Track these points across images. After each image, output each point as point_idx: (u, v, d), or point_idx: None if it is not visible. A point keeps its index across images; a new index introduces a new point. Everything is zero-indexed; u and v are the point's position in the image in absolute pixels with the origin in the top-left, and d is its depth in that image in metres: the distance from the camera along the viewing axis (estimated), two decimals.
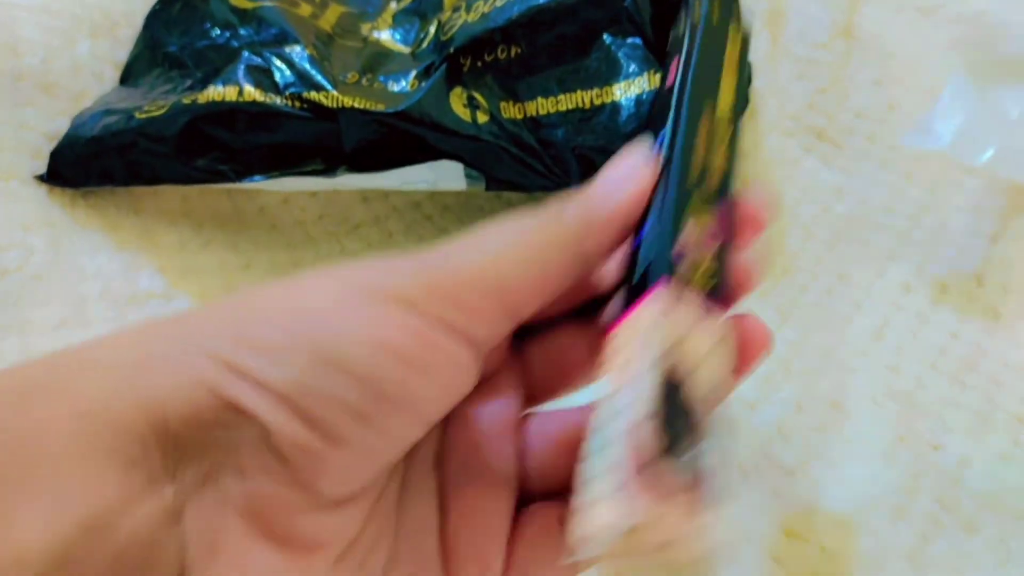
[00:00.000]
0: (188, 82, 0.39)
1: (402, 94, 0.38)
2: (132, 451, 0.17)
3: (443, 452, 0.23)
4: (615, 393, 0.18)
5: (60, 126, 0.40)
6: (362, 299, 0.19)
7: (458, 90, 0.38)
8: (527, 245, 0.20)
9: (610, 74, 0.38)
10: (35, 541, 0.16)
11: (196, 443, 0.18)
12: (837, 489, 0.36)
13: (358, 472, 0.19)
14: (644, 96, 0.38)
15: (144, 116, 0.38)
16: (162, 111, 0.38)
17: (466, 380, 0.20)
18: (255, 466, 0.18)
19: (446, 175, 0.39)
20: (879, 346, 0.39)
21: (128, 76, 0.42)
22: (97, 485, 0.17)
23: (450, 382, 0.20)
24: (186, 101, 0.38)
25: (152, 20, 0.42)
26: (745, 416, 0.37)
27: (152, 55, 0.42)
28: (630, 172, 0.21)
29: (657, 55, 0.38)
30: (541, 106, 0.38)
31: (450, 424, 0.23)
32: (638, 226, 0.21)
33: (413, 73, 0.38)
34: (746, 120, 0.43)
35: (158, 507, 0.18)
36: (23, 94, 0.41)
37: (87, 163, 0.39)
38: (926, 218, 0.42)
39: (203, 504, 0.18)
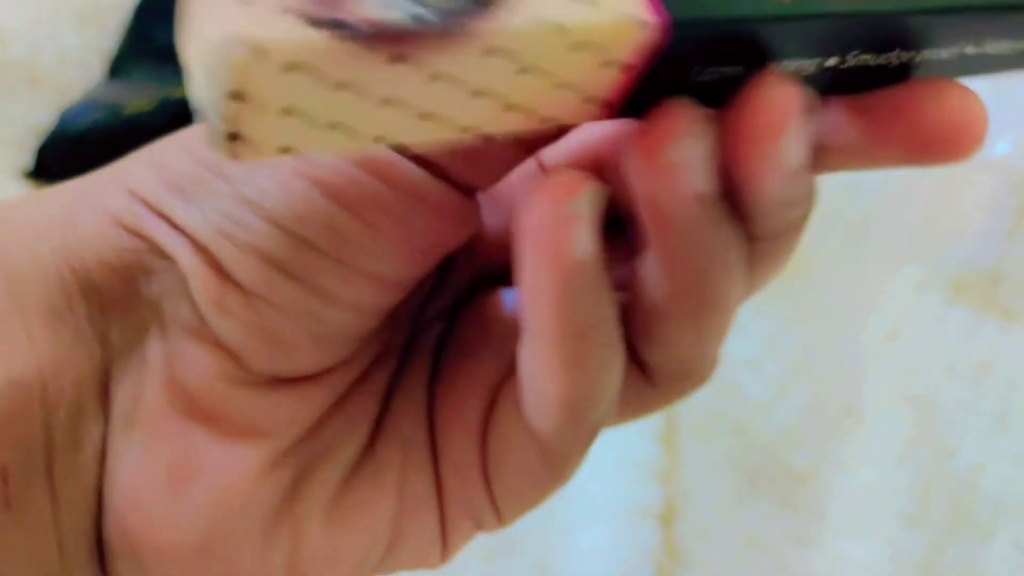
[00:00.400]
0: (177, 75, 0.39)
1: None
2: (57, 304, 0.16)
3: (448, 340, 0.19)
4: None
5: (46, 119, 0.40)
6: None
7: None
8: None
9: None
10: None
11: (121, 296, 0.16)
12: (850, 494, 0.36)
13: (297, 347, 0.16)
14: None
15: (133, 110, 0.38)
16: (151, 105, 0.38)
17: (436, 225, 0.16)
18: (177, 324, 0.16)
19: None
20: (893, 348, 0.39)
21: (116, 68, 0.42)
22: (23, 341, 0.15)
23: (405, 227, 0.16)
24: (175, 95, 0.38)
25: (141, 11, 0.43)
26: (755, 419, 0.37)
27: (141, 47, 0.42)
28: None
29: None
30: None
31: (464, 311, 0.20)
32: None
33: None
34: None
35: (86, 369, 0.16)
36: (8, 87, 0.41)
37: (75, 158, 0.39)
38: (940, 216, 0.42)
39: (127, 369, 0.16)
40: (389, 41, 0.10)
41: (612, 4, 0.12)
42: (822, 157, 0.17)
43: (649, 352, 0.17)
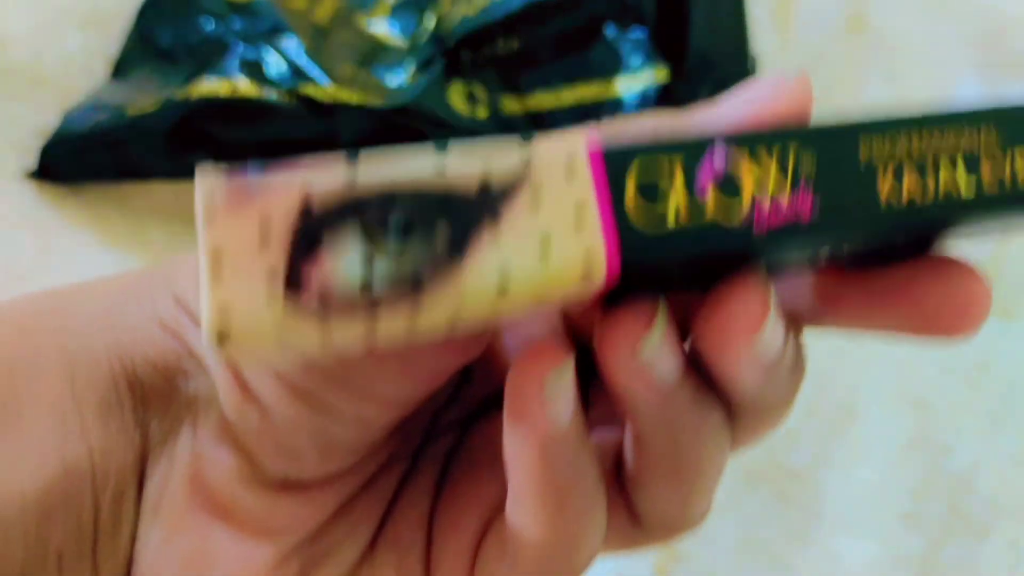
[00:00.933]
0: (181, 76, 0.39)
1: (400, 88, 0.37)
2: (107, 397, 0.17)
3: (460, 449, 0.20)
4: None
5: (50, 121, 0.40)
6: None
7: (458, 84, 0.37)
8: None
9: (612, 67, 0.38)
10: (24, 481, 0.16)
11: (161, 393, 0.17)
12: (847, 493, 0.36)
13: (307, 456, 0.17)
14: (648, 91, 0.37)
15: (136, 112, 0.38)
16: (154, 107, 0.38)
17: (439, 352, 0.16)
18: (206, 424, 0.17)
19: None
20: (890, 347, 0.39)
21: (119, 70, 0.42)
22: (77, 430, 0.17)
23: (410, 356, 0.16)
24: (178, 96, 0.38)
25: (144, 13, 0.42)
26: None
27: (144, 49, 0.42)
28: None
29: (662, 48, 0.38)
30: (542, 100, 0.38)
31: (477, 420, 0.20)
32: None
33: (411, 66, 0.38)
34: None
35: (128, 458, 0.17)
36: (12, 89, 0.41)
37: (77, 159, 0.39)
38: None
39: (160, 460, 0.17)
40: (345, 309, 0.13)
41: (564, 252, 0.13)
42: (819, 323, 0.17)
43: (636, 501, 0.18)
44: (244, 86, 0.37)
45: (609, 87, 0.38)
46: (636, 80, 0.38)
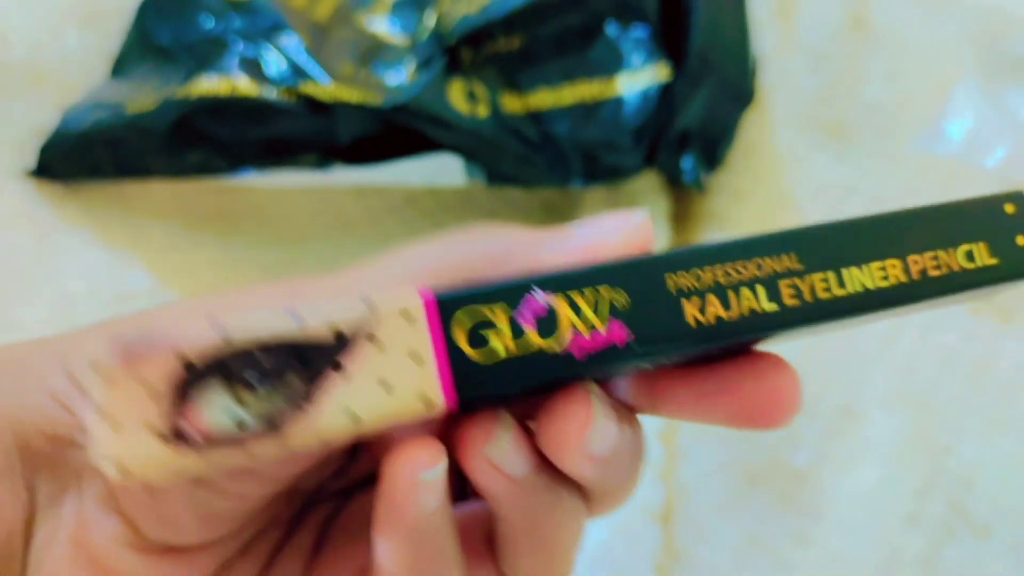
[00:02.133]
0: (180, 74, 0.39)
1: (400, 86, 0.37)
2: (2, 463, 0.18)
3: (339, 517, 0.22)
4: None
5: (49, 119, 0.40)
6: None
7: (458, 82, 0.37)
8: None
9: (614, 65, 0.38)
10: None
11: (51, 460, 0.19)
12: (848, 494, 0.36)
13: (187, 524, 0.18)
14: (650, 90, 0.37)
15: (135, 110, 0.38)
16: (153, 105, 0.38)
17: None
18: (91, 492, 0.18)
19: (445, 170, 0.39)
20: (891, 348, 0.39)
21: (119, 68, 0.42)
22: None
23: None
24: (177, 95, 0.38)
25: (144, 11, 0.42)
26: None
27: (143, 47, 0.42)
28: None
29: (665, 46, 0.38)
30: (543, 99, 0.38)
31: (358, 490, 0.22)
32: None
33: (411, 64, 0.38)
34: (753, 115, 0.42)
35: (17, 518, 0.18)
36: (11, 86, 0.41)
37: (76, 157, 0.39)
38: None
39: (46, 522, 0.19)
40: (222, 444, 0.15)
41: (406, 388, 0.16)
42: (654, 414, 0.20)
43: (504, 568, 0.20)
44: (244, 84, 0.37)
45: (610, 85, 0.38)
46: (637, 78, 0.38)
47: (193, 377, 0.15)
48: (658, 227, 0.40)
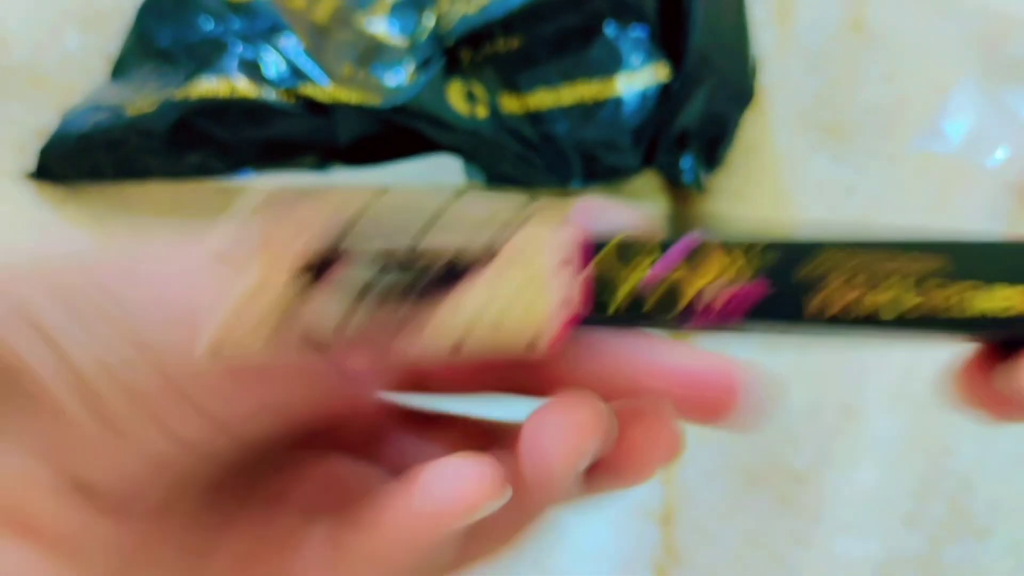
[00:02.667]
0: (179, 76, 0.39)
1: (399, 87, 0.37)
2: None
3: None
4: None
5: (49, 121, 0.40)
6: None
7: (457, 83, 0.37)
8: None
9: (613, 66, 0.38)
10: None
11: None
12: (848, 494, 0.36)
13: (131, 474, 0.17)
14: (649, 90, 0.37)
15: (135, 112, 0.38)
16: (153, 107, 0.38)
17: (272, 397, 0.17)
18: (26, 433, 0.17)
19: (444, 170, 0.39)
20: (890, 348, 0.39)
21: (119, 70, 0.42)
22: None
23: (249, 390, 0.17)
24: (177, 96, 0.38)
25: (143, 13, 0.42)
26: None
27: (143, 48, 0.42)
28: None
29: (664, 46, 0.38)
30: (542, 99, 0.38)
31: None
32: None
33: (410, 65, 0.38)
34: (752, 115, 0.42)
35: None
36: (11, 88, 0.41)
37: (76, 159, 0.39)
38: (937, 217, 0.42)
39: None
40: (324, 344, 0.16)
41: (516, 323, 0.16)
42: None
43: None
44: (243, 86, 0.37)
45: (609, 85, 0.38)
46: (636, 79, 0.38)
47: (312, 276, 0.15)
48: (657, 227, 0.40)
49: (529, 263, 0.16)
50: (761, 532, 0.35)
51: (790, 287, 0.17)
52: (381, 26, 0.40)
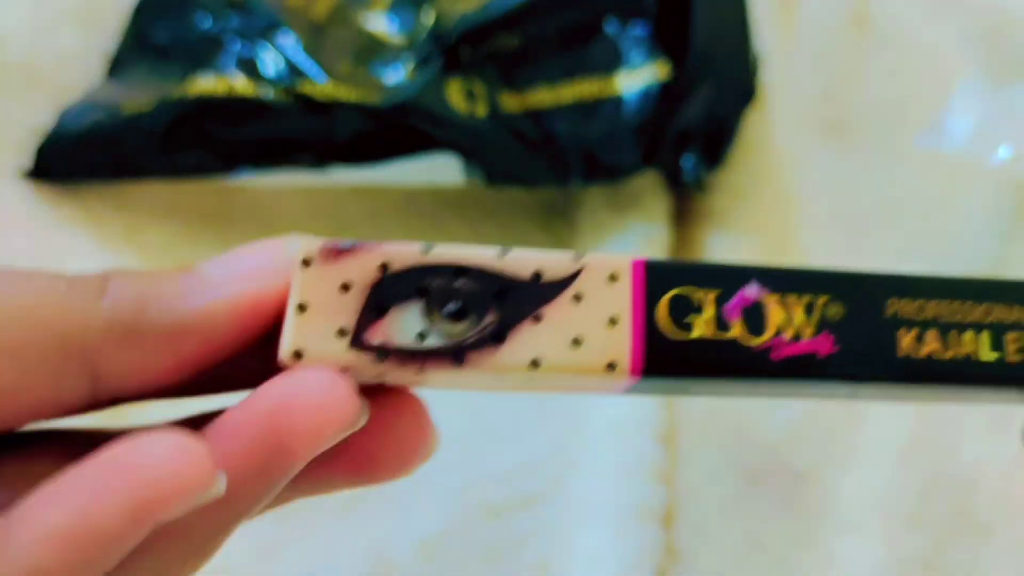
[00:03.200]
0: (177, 74, 0.39)
1: (398, 85, 0.37)
2: None
3: None
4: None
5: (45, 120, 0.40)
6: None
7: (456, 81, 0.37)
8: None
9: (613, 63, 0.38)
10: None
11: None
12: (850, 495, 0.35)
13: None
14: (650, 88, 0.37)
15: (132, 110, 0.38)
16: (150, 105, 0.38)
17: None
18: None
19: (443, 169, 0.39)
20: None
21: (115, 68, 0.42)
22: None
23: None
24: (174, 95, 0.37)
25: (140, 10, 0.42)
26: (756, 420, 0.37)
27: (140, 46, 0.42)
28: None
29: (665, 44, 0.38)
30: (542, 97, 0.38)
31: None
32: None
33: (409, 63, 0.38)
34: (754, 113, 0.42)
35: None
36: (7, 87, 0.41)
37: (73, 158, 0.39)
38: (941, 215, 0.42)
39: None
40: (400, 360, 0.16)
41: (594, 349, 0.16)
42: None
43: None
44: (241, 84, 0.37)
45: (610, 83, 0.38)
46: (637, 76, 0.38)
47: (390, 291, 0.16)
48: (658, 226, 0.40)
49: (601, 292, 0.16)
50: (762, 533, 0.35)
51: (857, 346, 0.17)
52: (380, 24, 0.40)
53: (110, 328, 0.16)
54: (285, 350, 0.16)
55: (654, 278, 0.16)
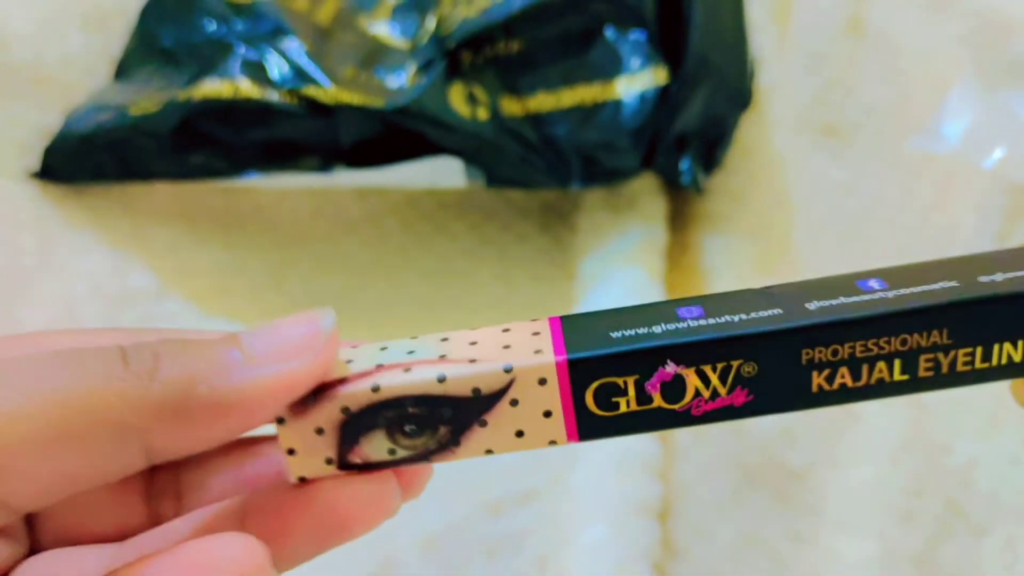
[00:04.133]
0: (183, 77, 0.39)
1: (401, 90, 0.37)
2: None
3: None
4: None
5: (52, 121, 0.40)
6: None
7: (458, 85, 0.37)
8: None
9: (613, 69, 0.38)
10: None
11: None
12: (845, 492, 0.36)
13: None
14: (648, 92, 0.37)
15: (138, 112, 0.38)
16: (156, 107, 0.38)
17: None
18: None
19: (445, 172, 0.39)
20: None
21: (122, 70, 0.42)
22: None
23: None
24: (181, 97, 0.38)
25: (146, 14, 0.42)
26: (752, 418, 0.37)
27: (146, 49, 0.42)
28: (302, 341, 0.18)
29: (662, 50, 0.38)
30: (543, 102, 0.38)
31: None
32: None
33: (412, 68, 0.38)
34: (750, 116, 0.42)
35: None
36: (14, 88, 0.41)
37: (80, 160, 0.39)
38: (935, 216, 0.42)
39: None
40: (378, 467, 0.19)
41: (535, 435, 0.19)
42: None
43: None
44: (246, 87, 0.37)
45: (609, 88, 0.38)
46: (636, 81, 0.38)
47: (356, 423, 0.18)
48: (656, 228, 0.40)
49: (534, 394, 0.18)
50: (759, 529, 0.35)
51: (772, 392, 0.18)
52: (383, 28, 0.40)
53: (162, 410, 0.17)
54: (292, 477, 0.19)
55: (577, 375, 0.18)
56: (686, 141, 0.39)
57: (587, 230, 0.41)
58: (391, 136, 0.37)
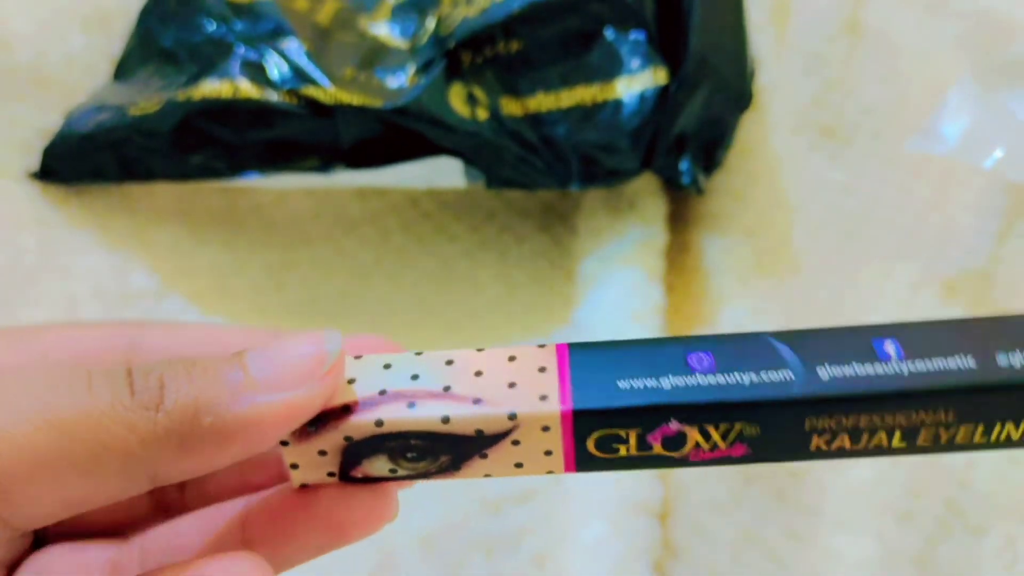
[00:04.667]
0: (183, 77, 0.39)
1: (400, 90, 0.37)
2: None
3: None
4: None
5: (52, 121, 0.40)
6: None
7: (458, 86, 0.37)
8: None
9: (612, 69, 0.38)
10: None
11: None
12: (844, 491, 0.36)
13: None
14: (648, 93, 0.37)
15: (138, 112, 0.38)
16: (156, 107, 0.38)
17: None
18: None
19: (445, 172, 0.39)
20: None
21: (122, 70, 0.42)
22: None
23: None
24: (180, 97, 0.38)
25: (146, 14, 0.42)
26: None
27: (146, 49, 0.42)
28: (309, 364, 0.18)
29: (661, 50, 0.38)
30: (542, 102, 0.38)
31: None
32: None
33: (412, 68, 0.38)
34: (749, 117, 0.42)
35: None
36: (15, 89, 0.41)
37: (80, 160, 0.39)
38: (934, 216, 0.42)
39: None
40: (380, 481, 0.20)
41: (536, 466, 0.19)
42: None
43: None
44: (246, 87, 0.37)
45: (609, 89, 0.38)
46: (635, 82, 0.38)
47: (356, 449, 0.19)
48: (656, 229, 0.40)
49: (536, 437, 0.18)
50: (758, 528, 0.35)
51: (770, 448, 0.18)
52: (383, 29, 0.40)
53: (168, 438, 0.17)
54: (295, 484, 0.20)
55: (581, 426, 0.18)
56: (686, 141, 0.39)
57: (587, 231, 0.41)
58: (391, 136, 0.37)
